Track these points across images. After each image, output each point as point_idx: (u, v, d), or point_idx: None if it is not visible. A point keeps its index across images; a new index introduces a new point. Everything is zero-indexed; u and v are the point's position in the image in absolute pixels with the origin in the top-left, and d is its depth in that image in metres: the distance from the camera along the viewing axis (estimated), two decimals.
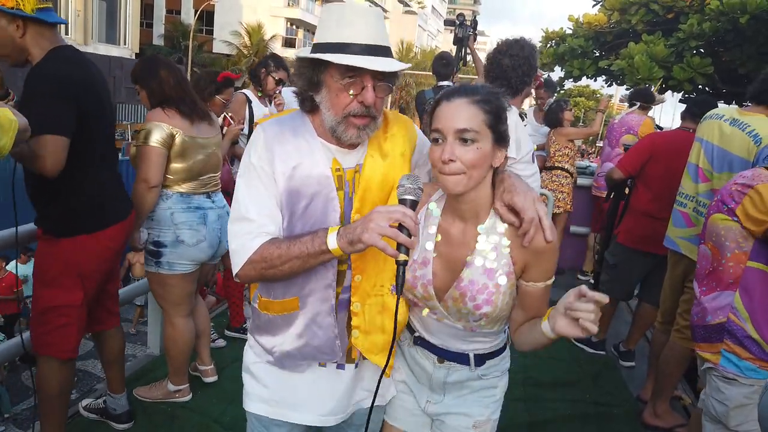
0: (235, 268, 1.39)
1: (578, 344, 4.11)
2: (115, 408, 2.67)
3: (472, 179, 1.32)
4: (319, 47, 1.34)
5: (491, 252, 1.38)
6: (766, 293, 2.03)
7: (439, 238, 1.45)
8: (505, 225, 1.38)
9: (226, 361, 3.32)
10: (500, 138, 1.34)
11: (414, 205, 1.26)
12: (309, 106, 1.42)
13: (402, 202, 1.26)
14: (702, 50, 7.01)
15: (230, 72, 3.59)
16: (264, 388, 1.55)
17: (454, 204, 1.42)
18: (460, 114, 1.30)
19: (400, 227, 1.22)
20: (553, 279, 1.42)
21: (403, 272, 1.25)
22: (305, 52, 1.37)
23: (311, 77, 1.37)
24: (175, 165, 2.63)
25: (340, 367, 1.52)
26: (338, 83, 1.33)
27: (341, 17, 1.33)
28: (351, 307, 1.47)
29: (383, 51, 1.34)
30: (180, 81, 2.67)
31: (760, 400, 1.66)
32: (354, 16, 1.33)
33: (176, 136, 2.58)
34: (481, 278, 1.39)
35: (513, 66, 2.51)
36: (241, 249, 1.37)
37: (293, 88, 1.49)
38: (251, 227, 1.37)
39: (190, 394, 2.93)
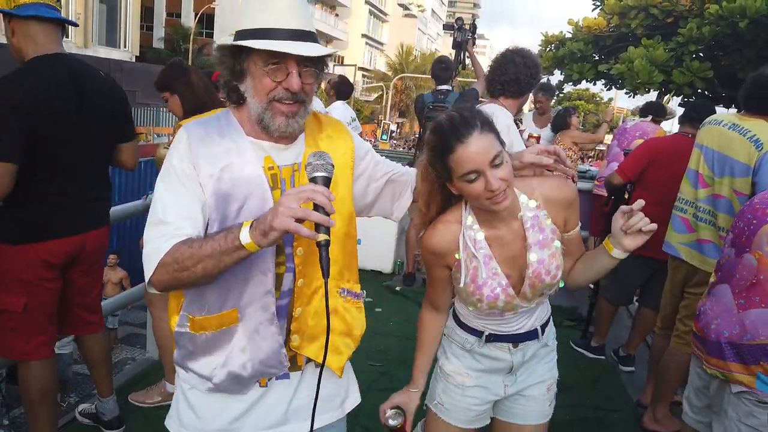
0: (148, 274, 1.26)
1: (578, 349, 4.10)
2: (104, 413, 2.65)
3: (511, 189, 1.45)
4: (241, 34, 1.29)
5: (538, 229, 1.53)
6: None
7: (489, 248, 1.54)
8: (534, 200, 1.54)
9: None
10: (503, 142, 1.46)
11: (326, 181, 1.20)
12: (235, 97, 1.36)
13: (312, 180, 1.20)
14: (701, 54, 7.03)
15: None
16: (197, 418, 1.43)
17: (490, 214, 1.51)
18: (483, 146, 1.38)
19: (316, 207, 1.14)
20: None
21: (326, 253, 1.17)
22: (227, 40, 1.31)
23: (233, 66, 1.31)
24: None
25: (284, 377, 1.43)
26: (261, 70, 1.28)
27: (263, 2, 1.28)
28: (293, 313, 1.39)
29: (308, 36, 1.29)
30: (208, 85, 2.68)
31: None
32: (277, 1, 1.27)
33: None
34: (544, 253, 1.53)
35: (525, 64, 2.77)
36: (153, 252, 1.25)
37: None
38: (167, 230, 1.26)
39: None
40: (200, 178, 1.30)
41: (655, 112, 5.21)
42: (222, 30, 31.91)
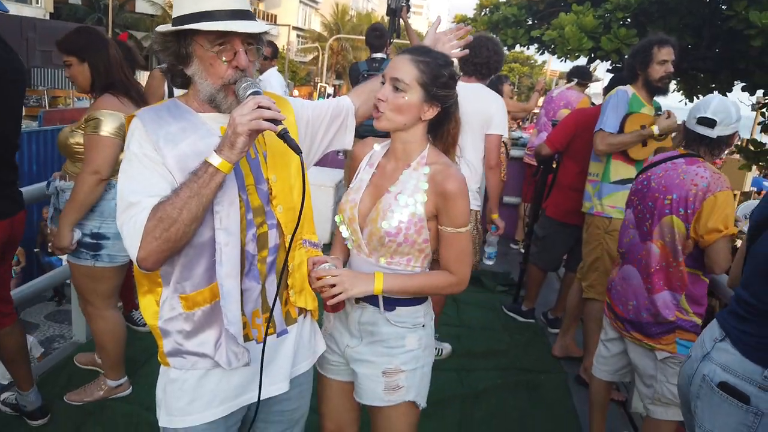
0: (134, 252, 1.27)
1: (509, 313, 4.26)
2: (25, 405, 2.53)
3: (393, 122, 1.56)
4: (183, 19, 1.32)
5: (409, 186, 1.59)
6: (703, 293, 2.27)
7: (375, 171, 1.68)
8: (428, 169, 1.59)
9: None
10: (431, 97, 1.55)
11: (258, 94, 1.31)
12: (180, 81, 1.42)
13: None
14: (629, 21, 7.22)
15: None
16: (193, 401, 1.44)
17: (391, 145, 1.67)
18: (399, 66, 1.55)
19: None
20: (467, 229, 1.60)
21: (291, 138, 1.28)
22: (167, 26, 1.35)
23: (178, 51, 1.34)
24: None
25: (282, 333, 1.51)
26: (209, 52, 1.32)
27: None
28: (288, 267, 1.49)
29: (247, 15, 1.36)
30: (123, 61, 2.50)
31: (679, 373, 1.79)
32: None
33: None
34: (396, 204, 1.58)
35: (495, 51, 3.23)
36: (133, 228, 1.26)
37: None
38: (139, 206, 1.27)
39: (131, 387, 2.82)
40: (165, 159, 1.32)
41: (581, 76, 5.38)
42: None
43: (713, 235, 2.10)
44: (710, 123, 2.22)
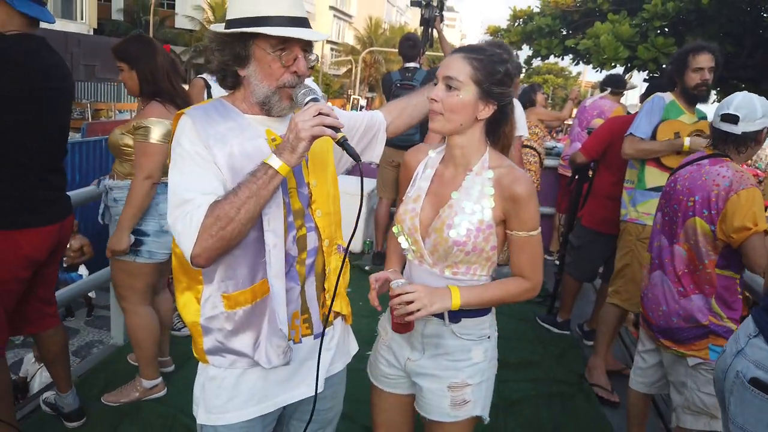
0: (189, 249, 1.28)
1: (544, 324, 4.19)
2: (62, 407, 2.60)
3: (449, 123, 1.51)
4: (240, 21, 1.35)
5: (474, 191, 1.54)
6: (736, 297, 2.19)
7: (434, 179, 1.63)
8: (492, 173, 1.54)
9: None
10: (486, 94, 1.50)
11: (317, 101, 1.36)
12: (231, 82, 1.43)
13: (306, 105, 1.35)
14: (666, 30, 7.10)
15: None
16: (231, 399, 1.46)
17: (448, 151, 1.61)
18: (451, 64, 1.51)
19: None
20: (538, 231, 1.56)
21: (350, 146, 1.33)
22: (220, 26, 1.38)
23: (239, 52, 1.37)
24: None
25: (319, 335, 1.51)
26: (270, 55, 1.36)
27: None
28: (325, 271, 1.51)
29: (305, 22, 1.39)
30: (170, 70, 2.60)
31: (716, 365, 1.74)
32: None
33: None
34: (462, 210, 1.53)
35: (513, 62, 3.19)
36: (189, 224, 1.28)
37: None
38: (194, 203, 1.29)
39: (166, 388, 2.87)
40: (215, 158, 1.34)
41: (614, 84, 5.30)
42: (184, 1, 30.97)
43: (743, 234, 2.03)
44: (734, 119, 2.15)
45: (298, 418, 1.62)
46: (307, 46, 1.39)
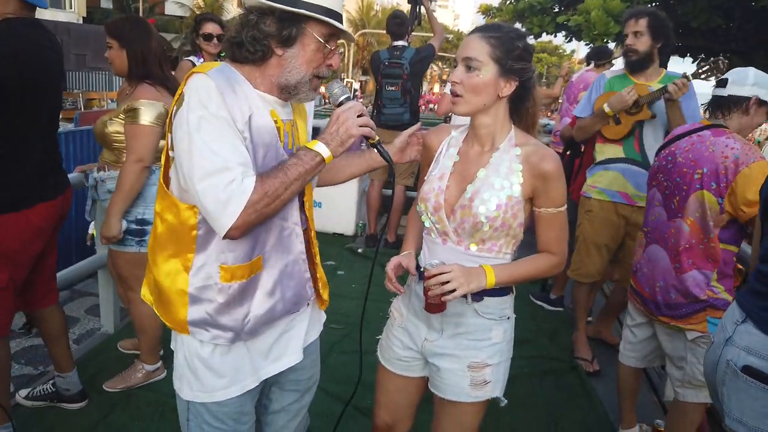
0: (230, 220, 1.23)
1: (537, 301, 4.19)
2: (67, 388, 2.57)
3: (472, 104, 1.52)
4: (296, 3, 1.32)
5: (502, 168, 1.55)
6: (732, 271, 2.18)
7: (458, 158, 1.64)
8: (519, 150, 1.56)
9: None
10: (507, 71, 1.50)
11: (350, 100, 1.43)
12: (261, 55, 1.35)
13: (341, 103, 1.42)
14: (657, 4, 7.03)
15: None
16: (219, 377, 1.45)
17: (472, 131, 1.63)
18: (470, 45, 1.52)
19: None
20: (564, 207, 1.59)
21: (383, 149, 1.47)
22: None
23: (289, 30, 1.33)
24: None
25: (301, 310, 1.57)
26: (318, 42, 1.36)
27: None
28: (312, 240, 1.57)
29: (342, 20, 1.43)
30: (162, 56, 2.56)
31: (705, 354, 1.72)
32: None
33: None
34: (490, 186, 1.54)
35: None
36: (234, 196, 1.22)
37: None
38: (234, 173, 1.23)
39: (166, 371, 2.85)
40: (237, 124, 1.29)
41: (597, 57, 5.25)
42: None
43: (754, 208, 1.99)
44: (723, 82, 2.19)
45: (279, 387, 1.64)
46: (339, 41, 1.43)
